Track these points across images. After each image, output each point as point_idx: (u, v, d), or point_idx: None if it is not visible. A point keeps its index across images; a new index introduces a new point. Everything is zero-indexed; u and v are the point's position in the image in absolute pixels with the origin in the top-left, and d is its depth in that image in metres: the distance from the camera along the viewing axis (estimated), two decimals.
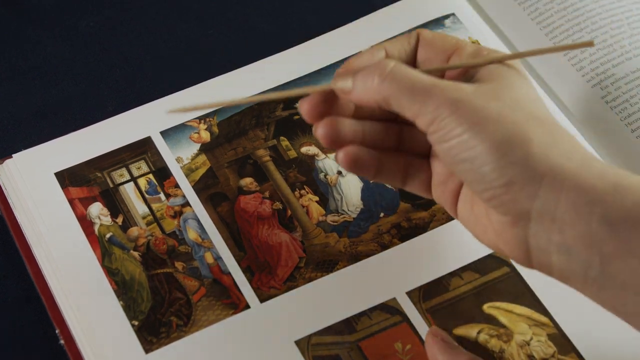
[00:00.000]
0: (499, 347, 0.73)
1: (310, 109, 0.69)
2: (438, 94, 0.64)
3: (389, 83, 0.65)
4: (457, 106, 0.63)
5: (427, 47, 0.70)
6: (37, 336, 0.75)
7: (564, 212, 0.62)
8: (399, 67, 0.65)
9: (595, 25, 0.88)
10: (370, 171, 0.70)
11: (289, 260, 0.77)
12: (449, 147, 0.64)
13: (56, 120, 0.85)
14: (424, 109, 0.64)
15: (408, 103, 0.64)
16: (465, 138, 0.63)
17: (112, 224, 0.79)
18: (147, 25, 0.92)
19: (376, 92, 0.65)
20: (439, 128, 0.64)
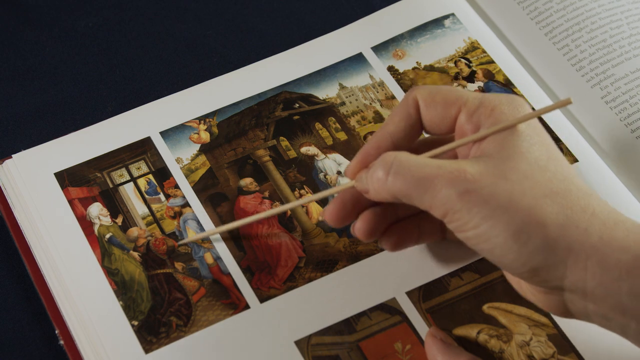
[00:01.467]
0: (499, 347, 0.73)
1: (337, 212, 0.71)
2: (444, 186, 0.63)
3: (393, 180, 0.65)
4: (466, 199, 0.63)
5: (429, 107, 0.69)
6: (37, 336, 0.75)
7: (593, 288, 0.63)
8: (398, 162, 0.65)
9: (595, 25, 0.88)
10: (413, 243, 0.73)
11: (289, 260, 0.77)
12: (466, 237, 0.65)
13: (56, 120, 0.85)
14: (434, 203, 0.64)
15: (418, 198, 0.65)
16: (480, 230, 0.63)
17: (111, 225, 0.79)
18: (146, 25, 0.92)
19: (386, 191, 0.66)
20: (454, 220, 0.64)
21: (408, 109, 0.69)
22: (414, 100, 0.69)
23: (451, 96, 0.68)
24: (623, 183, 0.80)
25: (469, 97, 0.68)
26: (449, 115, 0.68)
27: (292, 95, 0.85)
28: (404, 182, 0.65)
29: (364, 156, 0.70)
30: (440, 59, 0.87)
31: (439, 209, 0.64)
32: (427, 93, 0.69)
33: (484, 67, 0.87)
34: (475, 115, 0.67)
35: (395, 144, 0.69)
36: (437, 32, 0.89)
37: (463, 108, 0.67)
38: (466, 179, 0.63)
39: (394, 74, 0.86)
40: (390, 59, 0.87)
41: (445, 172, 0.64)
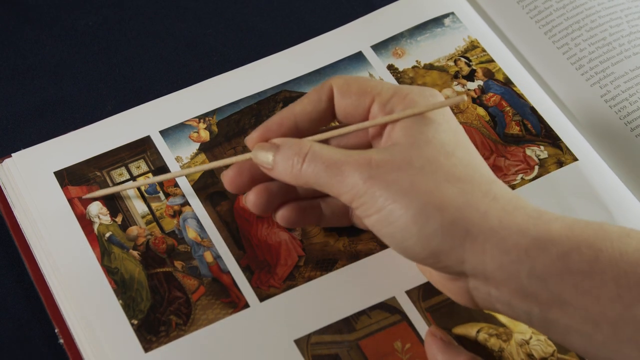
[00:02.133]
0: (499, 346, 0.73)
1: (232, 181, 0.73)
2: (351, 172, 0.65)
3: (306, 167, 0.67)
4: (370, 183, 0.65)
5: (343, 95, 0.70)
6: (37, 335, 0.75)
7: (493, 271, 0.63)
8: (313, 151, 0.67)
9: (594, 23, 0.88)
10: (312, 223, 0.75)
11: (289, 259, 0.77)
12: (371, 223, 0.66)
13: (55, 119, 0.85)
14: (342, 189, 0.66)
15: (327, 184, 0.67)
16: (383, 214, 0.65)
17: (111, 223, 0.79)
18: (146, 24, 0.92)
19: (296, 176, 0.68)
20: (359, 204, 0.66)
21: (320, 94, 0.71)
22: (329, 88, 0.71)
23: (366, 86, 0.70)
24: (622, 182, 0.80)
25: (383, 87, 0.69)
26: (362, 104, 0.70)
27: (292, 94, 0.85)
28: (315, 169, 0.67)
29: (265, 130, 0.71)
30: (440, 58, 0.87)
31: (346, 194, 0.66)
32: (343, 82, 0.71)
33: (484, 66, 0.87)
34: (389, 104, 0.68)
35: (297, 125, 0.71)
36: (437, 31, 0.89)
37: (377, 97, 0.69)
38: (371, 166, 0.65)
39: (393, 73, 0.86)
40: (390, 57, 0.87)
41: (352, 159, 0.66)
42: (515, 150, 0.82)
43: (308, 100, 0.71)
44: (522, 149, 0.82)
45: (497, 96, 0.85)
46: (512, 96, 0.85)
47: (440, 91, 0.85)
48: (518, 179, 0.81)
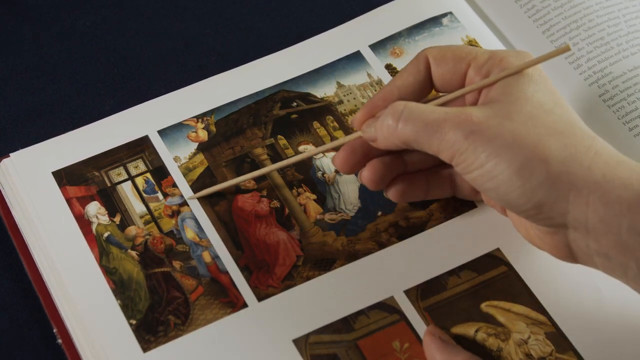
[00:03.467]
0: (497, 345, 0.73)
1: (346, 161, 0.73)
2: (451, 129, 0.66)
3: (403, 126, 0.68)
4: (471, 139, 0.65)
5: (439, 63, 0.71)
6: (35, 335, 0.75)
7: (594, 224, 0.64)
8: (409, 109, 0.68)
9: (592, 22, 0.88)
10: (420, 197, 0.76)
11: (287, 259, 0.77)
12: (472, 177, 0.67)
13: (53, 119, 0.85)
14: (442, 146, 0.66)
15: (426, 142, 0.67)
16: (486, 169, 0.65)
17: (109, 223, 0.79)
18: (144, 24, 0.92)
19: (395, 137, 0.68)
20: (460, 161, 0.66)
21: (418, 65, 0.72)
22: (424, 58, 0.72)
23: (461, 52, 0.71)
24: None
25: (477, 51, 0.71)
26: (459, 70, 0.71)
27: (290, 94, 0.85)
28: (413, 128, 0.67)
29: (371, 107, 0.72)
30: None
31: (446, 151, 0.66)
32: (438, 50, 0.72)
33: None
34: (485, 67, 0.70)
35: (401, 98, 0.72)
36: (435, 30, 0.89)
37: (472, 62, 0.70)
38: (472, 121, 0.66)
39: (391, 72, 0.86)
40: (388, 57, 0.87)
41: (452, 116, 0.66)
42: None
43: (407, 73, 0.72)
44: None
45: None
46: None
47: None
48: None
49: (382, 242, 0.78)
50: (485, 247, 0.77)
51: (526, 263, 0.76)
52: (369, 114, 0.72)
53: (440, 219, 0.79)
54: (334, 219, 0.80)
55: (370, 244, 0.77)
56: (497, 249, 0.77)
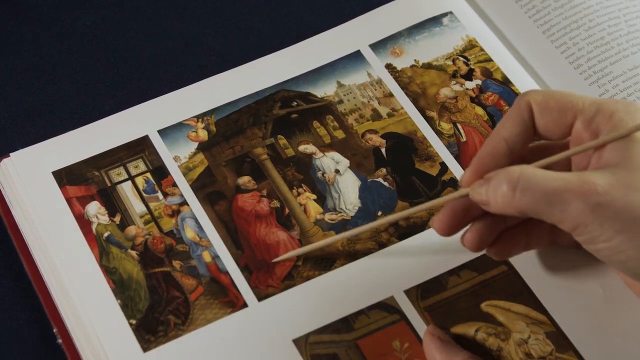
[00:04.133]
0: (497, 345, 0.73)
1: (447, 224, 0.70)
2: (575, 200, 0.62)
3: (521, 196, 0.64)
4: (598, 213, 0.62)
5: (543, 113, 0.68)
6: (35, 335, 0.75)
7: None
8: (526, 177, 0.64)
9: (593, 22, 0.88)
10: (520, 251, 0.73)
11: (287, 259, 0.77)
12: (597, 249, 0.64)
13: (54, 119, 0.85)
14: (564, 217, 0.63)
15: (546, 213, 0.64)
16: (614, 243, 0.63)
17: (109, 223, 0.79)
18: (144, 24, 0.92)
19: (512, 207, 0.65)
20: (584, 233, 0.63)
21: (522, 113, 0.68)
22: (527, 105, 0.68)
23: (566, 101, 0.67)
24: None
25: (584, 103, 0.67)
26: (564, 121, 0.67)
27: (290, 94, 0.85)
28: (532, 198, 0.64)
29: (480, 165, 0.68)
30: (438, 57, 0.87)
31: (569, 222, 0.63)
32: (542, 98, 0.68)
33: (482, 65, 0.87)
34: (594, 122, 0.66)
35: (510, 150, 0.68)
36: (435, 30, 0.89)
37: (579, 115, 0.67)
38: (597, 192, 0.62)
39: (392, 72, 0.86)
40: (388, 56, 0.87)
41: (574, 185, 0.63)
42: None
43: (512, 122, 0.68)
44: None
45: (495, 95, 0.85)
46: (510, 95, 0.85)
47: (438, 91, 0.85)
48: None
49: (382, 241, 0.78)
50: None
51: (526, 262, 0.76)
52: (478, 173, 0.68)
53: None
54: (334, 219, 0.80)
55: (370, 244, 0.77)
56: None
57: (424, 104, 0.85)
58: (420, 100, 0.85)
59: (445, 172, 0.82)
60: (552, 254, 0.76)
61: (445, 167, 0.82)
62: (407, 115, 0.84)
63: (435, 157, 0.82)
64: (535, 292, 0.75)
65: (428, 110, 0.85)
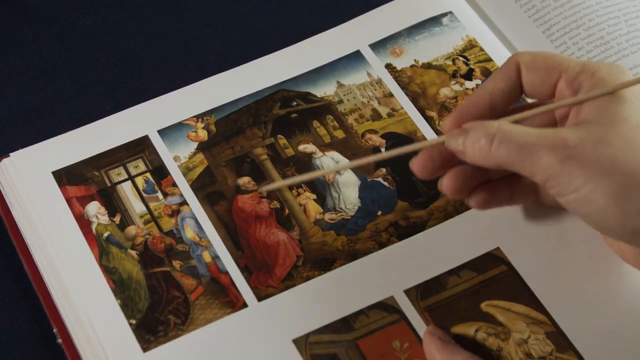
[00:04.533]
0: (497, 345, 0.73)
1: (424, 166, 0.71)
2: (546, 153, 0.64)
3: (496, 149, 0.66)
4: (567, 164, 0.64)
5: (530, 71, 0.70)
6: (35, 335, 0.75)
7: None
8: (502, 131, 0.66)
9: (592, 22, 0.88)
10: (502, 204, 0.74)
11: (287, 259, 0.77)
12: (566, 201, 0.65)
13: (53, 119, 0.85)
14: (536, 169, 0.65)
15: (519, 165, 0.66)
16: (581, 194, 0.64)
17: (109, 223, 0.79)
18: (144, 24, 0.92)
19: (487, 159, 0.67)
20: (554, 185, 0.65)
21: (509, 71, 0.70)
22: (516, 64, 0.70)
23: (553, 61, 0.69)
24: None
25: (570, 63, 0.69)
26: (549, 80, 0.69)
27: (290, 94, 0.85)
28: (506, 151, 0.66)
29: (460, 113, 0.70)
30: (438, 57, 0.87)
31: (540, 174, 0.65)
32: (530, 57, 0.70)
33: (482, 65, 0.87)
34: (576, 80, 0.68)
35: (492, 104, 0.70)
36: (435, 30, 0.89)
37: (564, 74, 0.68)
38: (567, 145, 0.64)
39: (391, 72, 0.86)
40: (388, 56, 0.87)
41: (546, 139, 0.65)
42: None
43: (499, 78, 0.71)
44: None
45: None
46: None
47: (437, 91, 0.85)
48: None
49: (382, 241, 0.78)
50: (485, 246, 0.77)
51: (526, 262, 0.76)
52: (458, 121, 0.70)
53: (440, 218, 0.79)
54: (333, 219, 0.80)
55: (370, 244, 0.77)
56: (497, 248, 0.77)
57: (424, 104, 0.85)
58: (420, 100, 0.85)
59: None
60: (552, 253, 0.76)
61: None
62: (407, 115, 0.84)
63: None
64: (535, 292, 0.75)
65: (428, 110, 0.85)
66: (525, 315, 0.74)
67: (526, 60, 0.70)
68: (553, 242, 0.77)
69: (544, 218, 0.78)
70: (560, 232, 0.77)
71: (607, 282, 0.75)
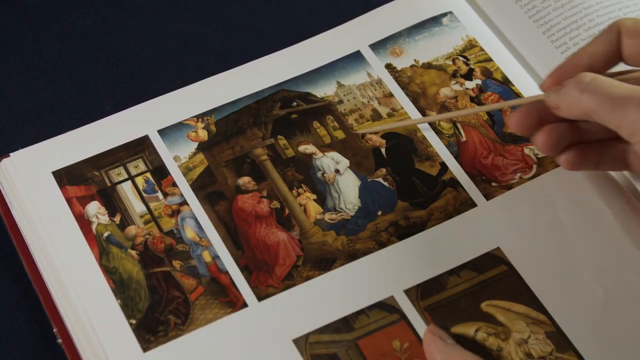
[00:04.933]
0: (497, 345, 0.73)
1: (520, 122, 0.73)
2: (635, 107, 0.65)
3: (587, 97, 0.67)
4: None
5: (632, 36, 0.71)
6: (35, 335, 0.75)
7: None
8: (594, 81, 0.67)
9: (593, 22, 0.88)
10: (590, 168, 0.75)
11: (287, 259, 0.77)
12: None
13: (53, 119, 0.85)
14: (624, 122, 0.66)
15: (608, 116, 0.67)
16: None
17: (109, 223, 0.79)
18: (144, 24, 0.92)
19: (578, 107, 0.68)
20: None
21: (610, 35, 0.71)
22: (617, 28, 0.71)
23: None
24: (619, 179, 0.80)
25: None
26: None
27: (290, 94, 0.85)
28: (596, 100, 0.67)
29: (560, 72, 0.72)
30: (438, 57, 0.87)
31: (627, 128, 0.66)
32: (632, 23, 0.71)
33: (482, 65, 0.87)
34: None
35: (591, 65, 0.71)
36: (435, 30, 0.89)
37: None
38: None
39: (391, 72, 0.86)
40: (388, 56, 0.87)
41: (638, 94, 0.66)
42: (514, 149, 0.82)
43: (600, 40, 0.72)
44: (520, 147, 0.82)
45: (495, 95, 0.85)
46: (510, 95, 0.85)
47: (438, 91, 0.85)
48: (516, 178, 0.81)
49: (382, 241, 0.78)
50: (485, 246, 0.77)
51: (526, 262, 0.76)
52: (557, 79, 0.72)
53: (440, 218, 0.79)
54: (333, 219, 0.80)
55: (370, 244, 0.77)
56: (497, 248, 0.77)
57: (424, 104, 0.85)
58: (420, 100, 0.85)
59: (445, 172, 0.82)
60: (552, 254, 0.76)
61: (445, 167, 0.82)
62: (407, 115, 0.84)
63: (435, 157, 0.82)
64: (535, 292, 0.75)
65: (428, 110, 0.85)
66: (526, 315, 0.74)
67: (627, 26, 0.71)
68: (553, 242, 0.77)
69: (544, 218, 0.78)
70: (561, 232, 0.77)
71: (608, 282, 0.75)
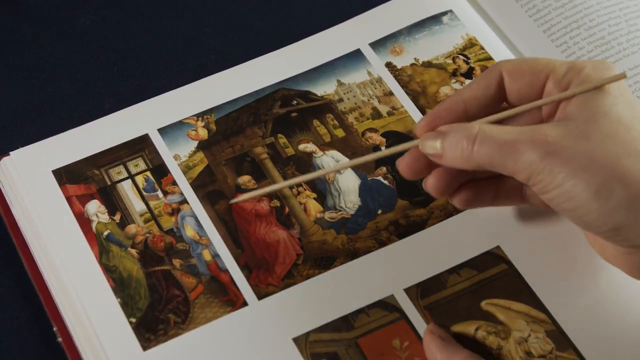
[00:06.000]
0: (497, 344, 0.73)
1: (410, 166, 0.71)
2: (527, 150, 0.64)
3: (478, 149, 0.66)
4: (547, 160, 0.64)
5: (515, 78, 0.70)
6: (35, 334, 0.75)
7: None
8: (482, 131, 0.66)
9: (593, 22, 0.88)
10: (487, 204, 0.74)
11: (287, 258, 0.77)
12: (549, 198, 0.65)
13: (53, 117, 0.85)
14: (517, 167, 0.65)
15: (501, 164, 0.66)
16: (563, 190, 0.64)
17: (109, 222, 0.78)
18: (144, 23, 0.92)
19: (469, 160, 0.67)
20: (537, 182, 0.65)
21: (489, 80, 0.70)
22: (498, 73, 0.70)
23: (538, 64, 0.69)
24: None
25: (555, 63, 0.69)
26: (537, 83, 0.69)
27: (290, 92, 0.85)
28: (488, 150, 0.66)
29: (434, 118, 0.70)
30: (438, 56, 0.87)
31: (522, 172, 0.65)
32: (512, 65, 0.70)
33: (482, 63, 0.87)
34: (564, 80, 0.68)
35: (466, 111, 0.70)
36: (435, 28, 0.89)
37: (551, 75, 0.68)
38: (547, 142, 0.64)
39: (391, 70, 0.86)
40: (388, 55, 0.87)
41: (526, 136, 0.65)
42: None
43: (477, 86, 0.70)
44: None
45: None
46: None
47: (438, 89, 0.85)
48: None
49: (382, 240, 0.77)
50: (485, 244, 0.77)
51: (526, 261, 0.76)
52: (431, 125, 0.70)
53: (440, 217, 0.79)
54: (334, 218, 0.79)
55: (370, 242, 0.77)
56: (497, 246, 0.77)
57: (424, 103, 0.85)
58: (421, 99, 0.85)
59: None
60: (552, 252, 0.76)
61: None
62: (407, 114, 0.84)
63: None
64: (535, 290, 0.75)
65: (428, 109, 0.85)
66: (526, 313, 0.74)
67: (509, 68, 0.70)
68: (553, 240, 0.77)
69: (544, 217, 0.78)
70: (561, 231, 0.77)
71: (608, 281, 0.75)
